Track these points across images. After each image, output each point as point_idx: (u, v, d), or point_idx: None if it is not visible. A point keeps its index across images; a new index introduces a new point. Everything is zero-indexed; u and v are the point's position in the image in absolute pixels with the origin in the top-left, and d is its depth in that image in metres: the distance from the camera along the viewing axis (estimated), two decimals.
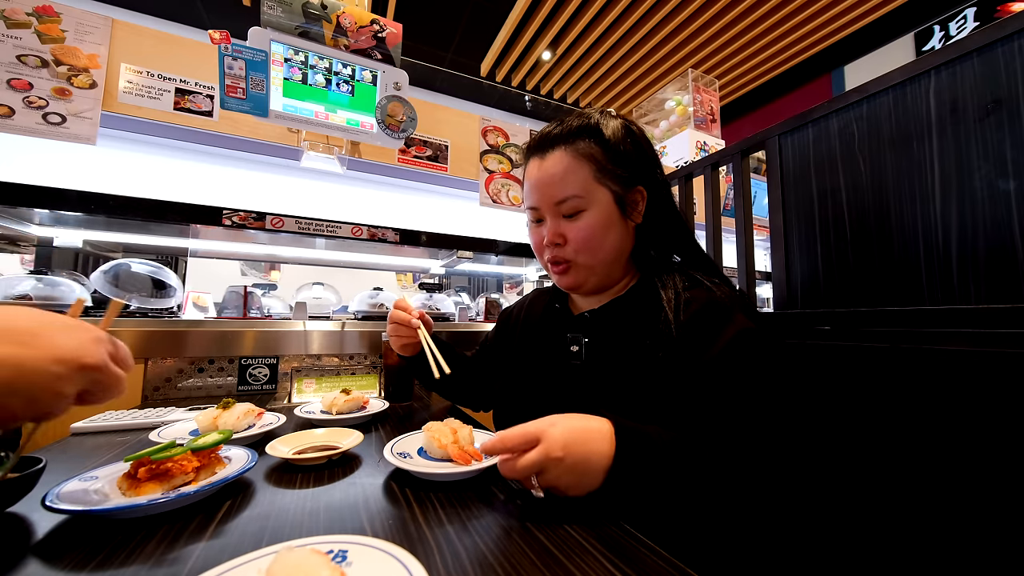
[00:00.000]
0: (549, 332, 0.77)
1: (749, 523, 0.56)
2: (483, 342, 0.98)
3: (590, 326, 0.70)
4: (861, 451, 0.70)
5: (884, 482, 0.67)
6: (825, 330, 0.79)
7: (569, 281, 0.69)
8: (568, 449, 0.46)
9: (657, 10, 3.25)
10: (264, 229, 1.31)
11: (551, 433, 0.46)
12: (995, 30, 0.64)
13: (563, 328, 0.74)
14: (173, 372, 1.08)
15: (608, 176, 0.64)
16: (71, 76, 1.29)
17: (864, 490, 0.69)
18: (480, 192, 1.95)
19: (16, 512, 0.45)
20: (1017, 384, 0.54)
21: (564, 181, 0.64)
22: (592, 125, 0.65)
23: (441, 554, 0.37)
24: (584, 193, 0.64)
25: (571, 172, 0.64)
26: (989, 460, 0.56)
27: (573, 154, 0.64)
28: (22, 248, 1.48)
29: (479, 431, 0.67)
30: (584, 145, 0.65)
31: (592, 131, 0.65)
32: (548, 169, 0.66)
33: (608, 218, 0.65)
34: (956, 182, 0.68)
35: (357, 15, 1.55)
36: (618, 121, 0.67)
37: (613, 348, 0.66)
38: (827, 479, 0.73)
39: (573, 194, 0.64)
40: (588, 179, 0.64)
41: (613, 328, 0.67)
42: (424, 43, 3.70)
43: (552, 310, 0.79)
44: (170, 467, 0.47)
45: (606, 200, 0.65)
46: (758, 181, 2.22)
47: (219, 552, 0.38)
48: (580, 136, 0.65)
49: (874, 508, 0.68)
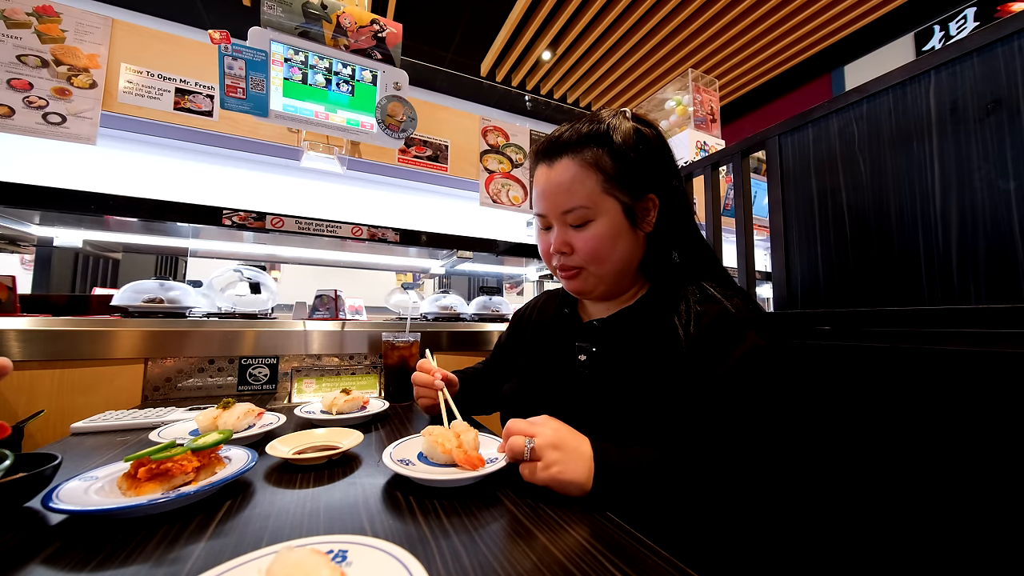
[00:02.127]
0: (558, 338, 0.76)
1: (749, 527, 0.56)
2: (497, 344, 0.98)
3: (598, 336, 0.69)
4: (861, 451, 0.70)
5: (884, 482, 0.67)
6: (825, 330, 0.79)
7: (578, 286, 0.69)
8: (557, 432, 0.52)
9: (657, 10, 3.25)
10: (264, 229, 1.31)
11: (544, 427, 0.53)
12: (995, 30, 0.64)
13: (572, 335, 0.73)
14: (173, 372, 1.08)
15: (617, 186, 0.63)
16: (71, 76, 1.29)
17: (864, 490, 0.69)
18: (480, 192, 1.95)
19: (16, 512, 0.45)
20: (1017, 384, 0.54)
21: (571, 191, 0.63)
22: (601, 132, 0.63)
23: (441, 554, 0.37)
24: (591, 204, 0.62)
25: (578, 182, 0.63)
26: (989, 460, 0.56)
27: (581, 163, 0.63)
28: (22, 248, 1.48)
29: (485, 435, 0.65)
30: (592, 154, 0.62)
31: (601, 138, 0.63)
32: (555, 178, 0.64)
33: (616, 229, 0.63)
34: (956, 182, 0.68)
35: (357, 15, 1.55)
36: (631, 125, 0.65)
37: (620, 360, 0.65)
38: (827, 479, 0.73)
39: (580, 204, 0.62)
40: (595, 189, 0.62)
41: (621, 339, 0.66)
42: (424, 43, 3.70)
43: (562, 315, 0.78)
44: (170, 467, 0.47)
45: (614, 210, 0.63)
46: (758, 181, 2.22)
47: (219, 552, 0.38)
48: (588, 144, 0.63)
49: (874, 507, 0.68)
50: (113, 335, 1.01)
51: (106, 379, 1.00)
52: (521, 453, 0.51)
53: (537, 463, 0.50)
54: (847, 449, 0.72)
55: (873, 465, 0.68)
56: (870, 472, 0.68)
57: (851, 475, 0.71)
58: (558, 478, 0.49)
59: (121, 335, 1.02)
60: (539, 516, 0.46)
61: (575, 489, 0.49)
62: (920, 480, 0.62)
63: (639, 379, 0.61)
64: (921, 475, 0.62)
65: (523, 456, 0.51)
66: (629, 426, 0.59)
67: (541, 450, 0.50)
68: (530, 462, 0.50)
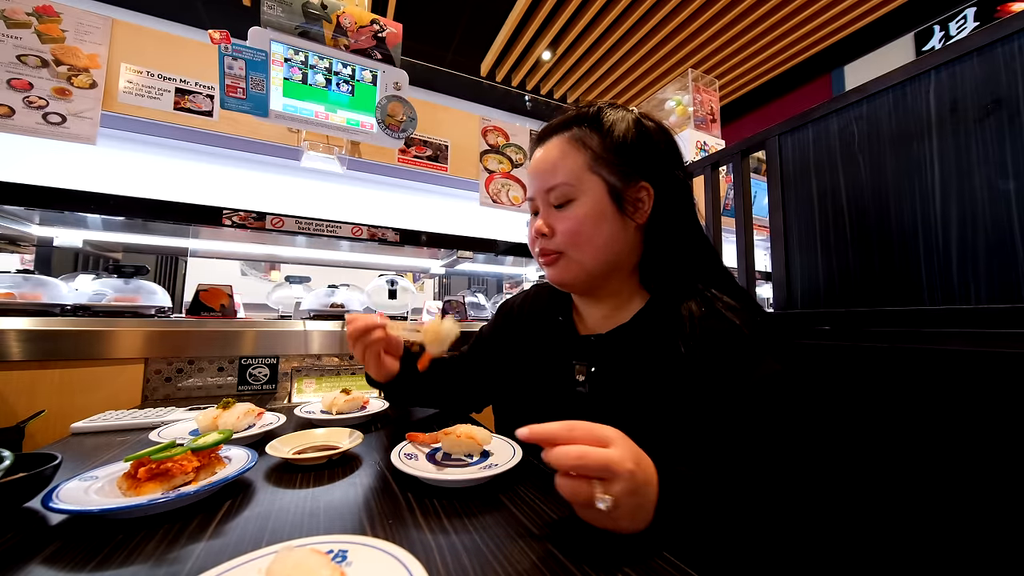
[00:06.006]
0: (552, 352, 0.70)
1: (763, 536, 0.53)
2: (479, 335, 0.88)
3: (596, 353, 0.64)
4: (861, 451, 0.70)
5: (884, 481, 0.67)
6: (825, 330, 0.79)
7: (558, 274, 0.64)
8: (639, 464, 0.39)
9: (657, 10, 3.25)
10: (264, 229, 1.31)
11: (621, 440, 0.39)
12: (995, 30, 0.64)
13: (567, 350, 0.68)
14: (173, 372, 1.08)
15: (604, 165, 0.59)
16: (71, 76, 1.29)
17: (863, 489, 0.69)
18: (480, 192, 1.95)
19: (16, 512, 0.45)
20: (1017, 384, 0.54)
21: (555, 168, 0.61)
22: (592, 113, 0.62)
23: (441, 554, 0.37)
24: (575, 181, 0.60)
25: (563, 158, 0.61)
26: (989, 460, 0.56)
27: (568, 140, 0.61)
28: (22, 248, 1.48)
29: (496, 436, 0.65)
30: (580, 132, 0.61)
31: (591, 119, 0.62)
32: (542, 156, 0.63)
33: (599, 210, 0.59)
34: (956, 182, 0.68)
35: (357, 15, 1.55)
36: (623, 112, 0.63)
37: (621, 382, 0.60)
38: (826, 479, 0.73)
39: (562, 181, 0.60)
40: (580, 167, 0.60)
41: (621, 358, 0.61)
42: (424, 43, 3.70)
43: (555, 323, 0.72)
44: (170, 467, 0.47)
45: (598, 190, 0.59)
46: (758, 181, 2.22)
47: (219, 552, 0.38)
48: (579, 123, 0.62)
49: (873, 507, 0.68)
50: (113, 335, 1.01)
51: (106, 379, 1.00)
52: (590, 503, 0.37)
53: (598, 506, 0.37)
54: (847, 449, 0.72)
55: (873, 465, 0.68)
56: (870, 472, 0.68)
57: (851, 475, 0.71)
58: (619, 526, 0.39)
59: (121, 335, 1.02)
60: (539, 516, 0.46)
61: (636, 527, 0.40)
62: (920, 480, 0.62)
63: (642, 403, 0.57)
64: (921, 475, 0.62)
65: (591, 505, 0.37)
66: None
67: (619, 499, 0.37)
68: (590, 504, 0.37)
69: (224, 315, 1.21)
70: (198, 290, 1.21)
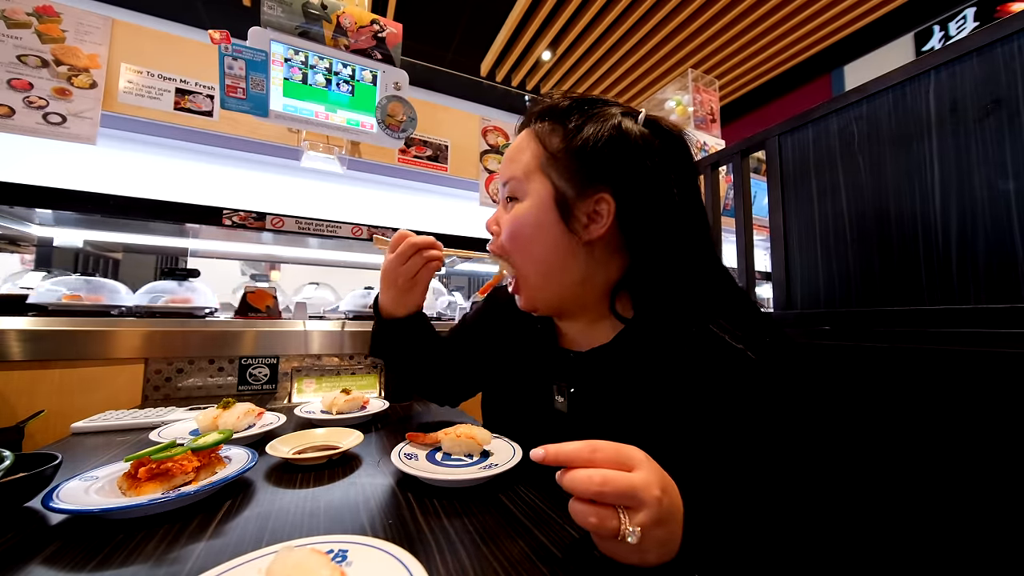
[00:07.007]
0: (530, 363, 0.66)
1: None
2: (463, 320, 0.83)
3: (576, 372, 0.58)
4: (860, 451, 0.70)
5: (884, 481, 0.67)
6: (825, 330, 0.79)
7: (520, 303, 0.59)
8: (665, 490, 0.34)
9: (657, 10, 3.25)
10: (264, 229, 1.31)
11: (647, 463, 0.35)
12: (995, 30, 0.64)
13: (545, 363, 0.64)
14: (173, 372, 1.08)
15: (555, 167, 0.52)
16: (71, 76, 1.29)
17: (863, 489, 0.69)
18: (480, 192, 1.95)
19: (16, 512, 0.45)
20: (1017, 384, 0.54)
21: (514, 160, 0.57)
22: (563, 107, 0.54)
23: (441, 554, 0.37)
24: (524, 177, 0.55)
25: (521, 151, 0.56)
26: (989, 460, 0.56)
27: (531, 133, 0.57)
28: (22, 248, 1.48)
29: (496, 437, 0.64)
30: (543, 126, 0.55)
31: (558, 112, 0.54)
32: (512, 145, 0.59)
33: (538, 216, 0.53)
34: (956, 182, 0.68)
35: (357, 15, 1.55)
36: (612, 112, 0.53)
37: (600, 405, 0.55)
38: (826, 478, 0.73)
39: (512, 175, 0.56)
40: (532, 163, 0.54)
41: (600, 381, 0.56)
42: (424, 43, 3.70)
43: (535, 330, 0.66)
44: (170, 467, 0.47)
45: (543, 194, 0.53)
46: (758, 181, 2.21)
47: (219, 552, 0.38)
48: (550, 116, 0.55)
49: (873, 507, 0.68)
50: (113, 335, 1.01)
51: (106, 379, 1.00)
52: (615, 534, 0.33)
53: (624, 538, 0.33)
54: (847, 449, 0.72)
55: (873, 464, 0.68)
56: (870, 471, 0.68)
57: (851, 474, 0.71)
58: (647, 560, 0.35)
59: (121, 335, 1.02)
60: (539, 516, 0.46)
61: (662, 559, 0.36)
62: (920, 480, 0.62)
63: (624, 429, 0.50)
64: (921, 475, 0.62)
65: (615, 536, 0.33)
66: None
67: (646, 530, 0.33)
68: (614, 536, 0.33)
69: (269, 316, 1.26)
70: (245, 291, 1.27)
